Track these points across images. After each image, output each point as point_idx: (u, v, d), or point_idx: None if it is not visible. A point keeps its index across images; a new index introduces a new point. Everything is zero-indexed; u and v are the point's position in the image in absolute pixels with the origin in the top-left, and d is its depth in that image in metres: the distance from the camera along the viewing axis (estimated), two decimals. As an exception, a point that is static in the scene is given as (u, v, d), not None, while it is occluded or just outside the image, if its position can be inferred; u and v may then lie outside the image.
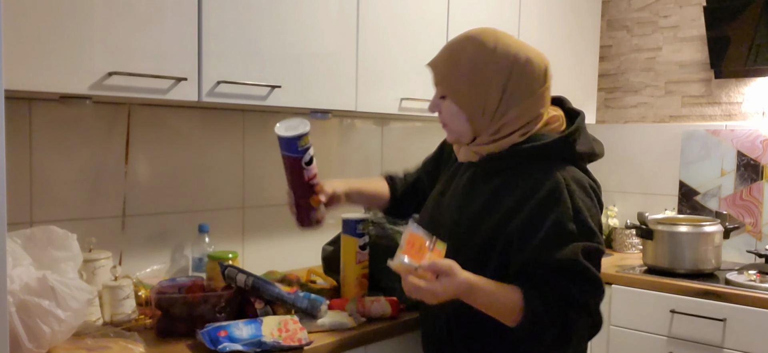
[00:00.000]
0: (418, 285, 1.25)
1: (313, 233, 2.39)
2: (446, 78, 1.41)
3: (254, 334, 1.50)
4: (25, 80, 1.37)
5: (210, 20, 1.66)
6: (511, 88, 1.35)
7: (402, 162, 2.69)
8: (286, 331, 1.54)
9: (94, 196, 1.84)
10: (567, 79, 2.94)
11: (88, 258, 1.69)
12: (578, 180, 1.36)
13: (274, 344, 1.50)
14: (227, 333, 1.49)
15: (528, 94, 1.36)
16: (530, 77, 1.36)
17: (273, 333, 1.52)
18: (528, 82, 1.36)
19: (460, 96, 1.39)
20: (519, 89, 1.36)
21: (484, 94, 1.36)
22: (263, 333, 1.51)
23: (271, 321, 1.56)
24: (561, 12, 2.84)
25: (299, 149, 1.56)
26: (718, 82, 2.92)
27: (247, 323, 1.54)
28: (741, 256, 2.77)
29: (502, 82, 1.35)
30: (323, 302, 1.69)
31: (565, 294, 1.30)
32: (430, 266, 1.26)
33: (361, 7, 2.02)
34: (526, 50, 1.38)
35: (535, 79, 1.37)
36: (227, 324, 1.52)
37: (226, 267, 1.70)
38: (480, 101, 1.37)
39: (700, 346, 2.35)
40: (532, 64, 1.36)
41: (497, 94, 1.35)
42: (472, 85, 1.36)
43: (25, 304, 1.28)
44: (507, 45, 1.36)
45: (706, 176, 2.91)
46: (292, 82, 1.86)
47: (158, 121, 1.96)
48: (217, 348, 1.45)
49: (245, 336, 1.49)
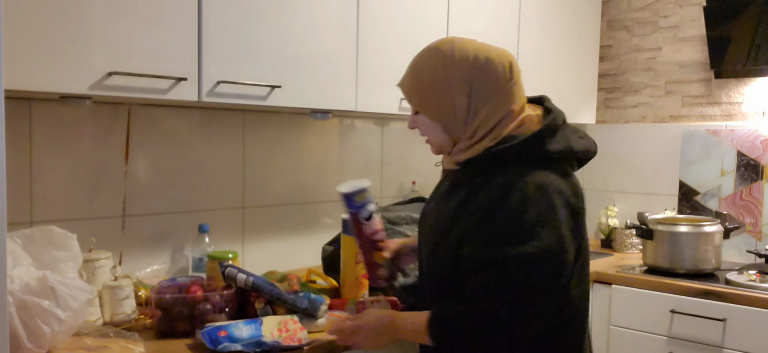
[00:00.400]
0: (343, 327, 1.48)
1: (313, 233, 2.40)
2: (414, 94, 1.43)
3: (254, 334, 1.51)
4: (25, 80, 1.37)
5: (210, 20, 1.66)
6: (476, 89, 1.36)
7: (402, 162, 2.70)
8: (286, 331, 1.54)
9: (94, 196, 1.84)
10: (567, 79, 2.94)
11: (88, 258, 1.69)
12: (538, 183, 1.31)
13: (274, 344, 1.50)
14: (227, 333, 1.49)
15: (495, 92, 1.36)
16: (493, 75, 1.36)
17: (273, 333, 1.52)
18: (492, 81, 1.36)
19: (430, 108, 1.40)
20: (484, 89, 1.36)
21: (451, 101, 1.37)
22: (263, 333, 1.52)
23: (270, 321, 1.56)
24: (561, 12, 2.84)
25: (356, 204, 1.63)
26: (718, 82, 2.92)
27: (247, 323, 1.54)
28: (741, 256, 2.77)
29: (466, 85, 1.36)
30: (323, 302, 1.69)
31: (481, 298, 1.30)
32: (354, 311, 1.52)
33: (361, 7, 2.02)
34: (486, 50, 1.38)
35: (498, 76, 1.36)
36: (227, 324, 1.53)
37: (226, 267, 1.70)
38: (449, 109, 1.38)
39: (700, 346, 2.35)
40: (492, 62, 1.36)
41: (464, 98, 1.36)
42: (439, 95, 1.38)
43: (25, 304, 1.28)
44: (465, 49, 1.37)
45: (706, 176, 2.91)
46: (292, 82, 1.86)
47: (158, 120, 1.97)
48: (217, 348, 1.45)
49: (245, 336, 1.49)
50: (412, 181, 2.67)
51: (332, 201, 2.46)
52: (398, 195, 2.66)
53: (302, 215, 2.38)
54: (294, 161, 2.33)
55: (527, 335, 1.32)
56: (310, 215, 2.40)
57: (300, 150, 2.35)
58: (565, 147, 1.36)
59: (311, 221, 2.40)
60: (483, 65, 1.36)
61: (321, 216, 2.44)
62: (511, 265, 1.28)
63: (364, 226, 1.66)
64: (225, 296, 1.65)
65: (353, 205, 1.63)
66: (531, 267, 1.28)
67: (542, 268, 1.28)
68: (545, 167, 1.34)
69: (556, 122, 1.38)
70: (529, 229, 1.28)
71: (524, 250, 1.27)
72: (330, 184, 2.46)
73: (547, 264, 1.28)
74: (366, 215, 1.65)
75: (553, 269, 1.29)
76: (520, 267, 1.28)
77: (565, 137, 1.38)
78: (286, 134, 2.29)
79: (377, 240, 1.69)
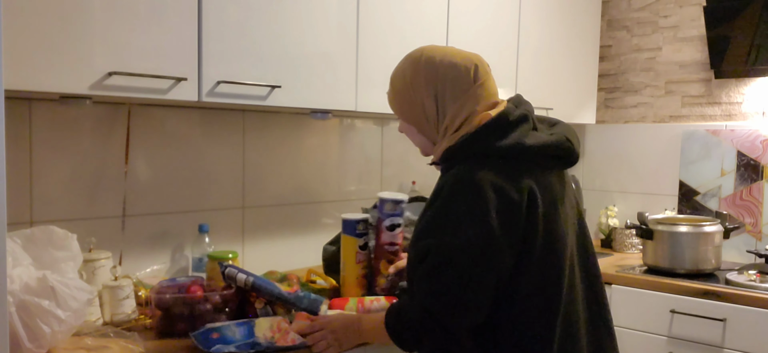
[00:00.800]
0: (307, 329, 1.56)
1: (313, 233, 2.40)
2: (392, 101, 1.52)
3: (247, 335, 1.50)
4: (25, 80, 1.37)
5: (210, 20, 1.66)
6: (441, 91, 1.42)
7: (402, 162, 2.70)
8: (278, 331, 1.54)
9: (94, 196, 1.84)
10: (567, 79, 2.94)
11: (88, 258, 1.69)
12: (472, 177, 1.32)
13: (268, 345, 1.50)
14: (220, 335, 1.49)
15: (459, 94, 1.40)
16: (457, 78, 1.41)
17: (266, 335, 1.52)
18: (456, 83, 1.41)
19: (405, 112, 1.49)
20: (449, 91, 1.41)
21: (421, 104, 1.44)
22: (256, 334, 1.52)
23: (263, 323, 1.56)
24: (561, 12, 2.84)
25: (385, 212, 1.87)
26: (718, 82, 2.92)
27: (239, 325, 1.54)
28: (741, 256, 2.77)
29: (432, 88, 1.42)
30: (323, 302, 1.69)
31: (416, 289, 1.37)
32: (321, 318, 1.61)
33: (361, 8, 2.02)
34: (453, 54, 1.44)
35: (462, 79, 1.41)
36: (219, 326, 1.52)
37: (226, 267, 1.70)
38: (420, 112, 1.45)
39: (700, 346, 2.35)
40: (456, 66, 1.41)
41: (431, 100, 1.43)
42: (409, 99, 1.46)
43: (25, 304, 1.28)
44: (431, 55, 1.44)
45: (706, 176, 2.91)
46: (292, 82, 1.86)
47: (158, 120, 1.97)
48: (211, 350, 1.45)
49: (238, 338, 1.49)
50: (412, 181, 2.67)
51: (332, 201, 2.46)
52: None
53: (302, 215, 2.38)
54: (294, 161, 2.33)
55: (460, 326, 1.35)
56: (311, 215, 2.40)
57: (300, 150, 2.35)
58: (514, 142, 1.36)
59: (311, 221, 2.40)
60: (446, 68, 1.41)
61: (321, 216, 2.44)
62: (434, 256, 1.32)
63: (383, 234, 1.86)
64: (225, 296, 1.65)
65: (382, 211, 1.87)
66: (454, 257, 1.31)
67: (466, 259, 1.30)
68: (492, 163, 1.34)
69: (506, 118, 1.38)
70: (454, 221, 1.32)
71: (448, 240, 1.31)
72: (330, 184, 2.46)
73: (470, 256, 1.30)
74: (388, 224, 1.86)
75: (478, 261, 1.30)
76: (442, 257, 1.32)
77: (520, 134, 1.37)
78: (286, 134, 2.29)
79: (389, 252, 1.86)
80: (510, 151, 1.36)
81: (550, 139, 1.41)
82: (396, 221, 1.86)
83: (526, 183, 1.34)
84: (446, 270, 1.31)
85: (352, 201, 2.51)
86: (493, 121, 1.37)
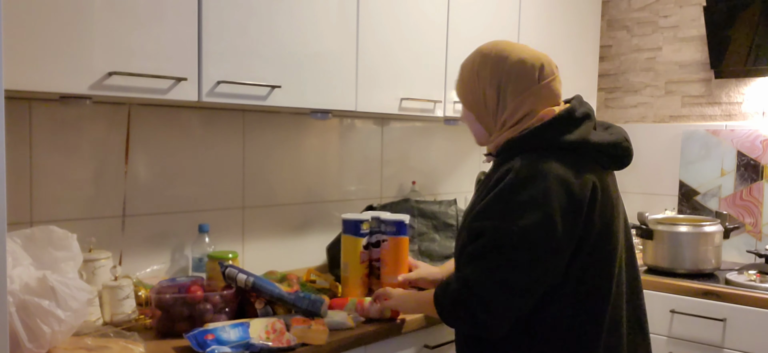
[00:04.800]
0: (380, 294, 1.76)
1: (313, 233, 2.40)
2: (458, 89, 1.57)
3: (242, 336, 1.50)
4: (25, 80, 1.37)
5: (210, 20, 1.66)
6: (505, 83, 1.45)
7: (402, 162, 2.70)
8: (273, 332, 1.54)
9: (94, 196, 1.84)
10: (567, 79, 2.93)
11: (88, 258, 1.69)
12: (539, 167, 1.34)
13: (263, 346, 1.50)
14: (214, 336, 1.49)
15: (522, 90, 1.44)
16: (522, 74, 1.44)
17: (261, 336, 1.52)
18: (521, 79, 1.44)
19: (467, 100, 1.53)
20: (513, 85, 1.44)
21: (482, 93, 1.48)
22: (251, 335, 1.51)
23: (258, 324, 1.56)
24: (561, 12, 2.84)
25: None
26: (718, 82, 2.92)
27: (234, 326, 1.54)
28: (741, 256, 2.77)
29: (496, 79, 1.46)
30: (323, 302, 1.69)
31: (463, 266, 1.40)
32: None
33: (361, 7, 2.02)
34: (521, 51, 1.47)
35: (527, 76, 1.44)
36: (214, 328, 1.52)
37: (226, 267, 1.70)
38: (481, 100, 1.49)
39: (700, 346, 2.35)
40: (524, 63, 1.44)
41: (494, 91, 1.46)
42: (474, 89, 1.50)
43: (25, 304, 1.28)
44: (502, 49, 1.47)
45: (706, 176, 2.91)
46: (292, 82, 1.85)
47: (158, 121, 1.96)
48: (205, 351, 1.45)
49: (233, 339, 1.49)
50: (412, 181, 2.67)
51: (332, 201, 2.46)
52: (398, 195, 2.66)
53: (302, 215, 2.38)
54: (294, 161, 2.33)
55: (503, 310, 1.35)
56: (311, 215, 2.40)
57: (300, 150, 2.35)
58: (579, 138, 1.39)
59: (311, 221, 2.40)
60: (514, 63, 1.45)
61: (321, 216, 2.44)
62: (488, 238, 1.34)
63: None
64: (225, 296, 1.65)
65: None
66: (509, 241, 1.32)
67: (521, 245, 1.31)
68: (556, 156, 1.37)
69: (572, 115, 1.41)
70: (516, 208, 1.32)
71: (506, 226, 1.32)
72: (330, 184, 2.46)
73: (526, 243, 1.31)
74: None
75: (532, 249, 1.31)
76: (496, 241, 1.33)
77: (585, 130, 1.41)
78: (286, 134, 2.29)
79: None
80: (575, 145, 1.39)
81: (611, 138, 1.45)
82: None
83: (590, 178, 1.37)
84: (498, 253, 1.33)
85: (352, 201, 2.51)
86: (560, 116, 1.41)
